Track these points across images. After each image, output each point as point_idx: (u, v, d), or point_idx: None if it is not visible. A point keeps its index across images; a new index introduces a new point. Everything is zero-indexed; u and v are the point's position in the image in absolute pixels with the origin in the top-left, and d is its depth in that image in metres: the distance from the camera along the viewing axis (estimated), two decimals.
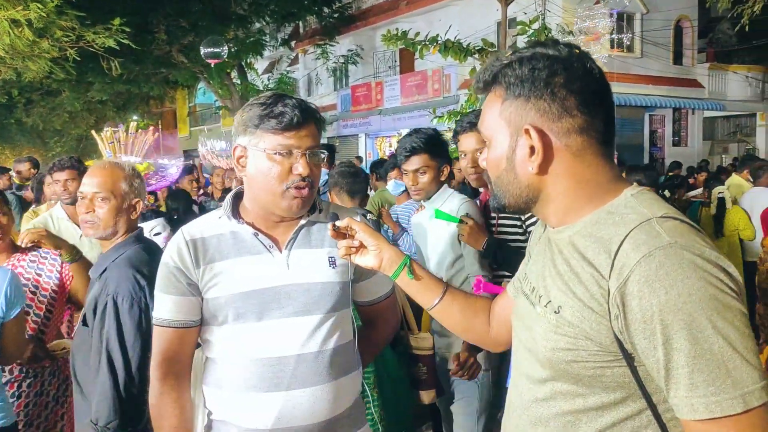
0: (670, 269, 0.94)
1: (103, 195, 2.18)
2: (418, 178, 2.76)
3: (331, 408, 1.65)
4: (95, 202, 2.18)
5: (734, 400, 0.92)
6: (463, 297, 1.51)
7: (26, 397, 2.43)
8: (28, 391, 2.45)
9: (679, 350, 0.94)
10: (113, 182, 2.21)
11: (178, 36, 13.72)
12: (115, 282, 2.09)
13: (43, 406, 2.48)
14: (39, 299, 2.48)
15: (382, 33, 12.38)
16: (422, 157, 2.74)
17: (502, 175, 1.17)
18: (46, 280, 2.58)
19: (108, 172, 2.22)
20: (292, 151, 1.59)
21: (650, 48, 17.38)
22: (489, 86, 1.17)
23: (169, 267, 1.66)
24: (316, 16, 18.14)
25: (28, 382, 2.45)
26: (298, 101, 1.63)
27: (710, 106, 19.01)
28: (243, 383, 1.61)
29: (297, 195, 1.60)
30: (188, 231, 1.69)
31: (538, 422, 1.16)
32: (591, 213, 1.11)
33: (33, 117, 18.68)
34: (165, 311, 1.66)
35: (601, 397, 1.07)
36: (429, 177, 2.76)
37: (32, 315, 2.48)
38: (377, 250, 1.49)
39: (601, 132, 1.11)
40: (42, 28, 7.98)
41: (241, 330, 1.63)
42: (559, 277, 1.11)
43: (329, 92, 23.64)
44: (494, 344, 1.50)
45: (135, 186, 2.26)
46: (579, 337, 1.05)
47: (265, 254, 1.66)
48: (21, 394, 2.42)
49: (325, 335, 1.65)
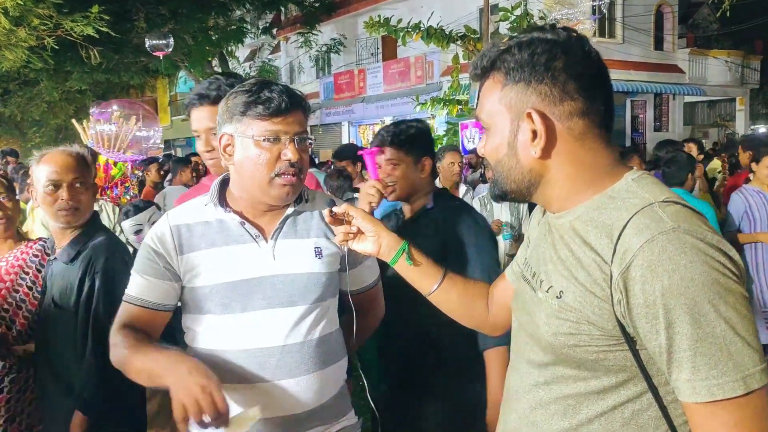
0: (672, 254, 0.95)
1: (82, 180, 2.20)
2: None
3: (316, 397, 1.65)
4: (78, 189, 2.19)
5: (735, 383, 0.93)
6: (461, 282, 1.51)
7: (8, 393, 2.40)
8: (11, 386, 2.40)
9: (681, 334, 0.94)
10: (86, 168, 2.24)
11: (158, 24, 13.50)
12: (102, 261, 2.13)
13: (26, 403, 2.44)
14: (34, 295, 2.43)
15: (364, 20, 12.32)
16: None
17: (503, 160, 1.16)
18: None
19: (80, 159, 2.25)
20: (280, 137, 1.58)
21: (631, 33, 17.48)
22: (487, 72, 1.17)
23: (149, 249, 1.65)
24: (297, 3, 17.98)
25: (11, 377, 2.40)
26: (284, 87, 1.61)
27: (691, 91, 19.19)
28: (226, 374, 1.59)
29: (286, 183, 1.59)
30: (174, 216, 1.68)
31: (538, 406, 1.17)
32: (592, 198, 1.11)
33: (10, 107, 18.37)
34: (135, 289, 1.65)
35: (602, 381, 1.08)
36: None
37: (24, 311, 2.42)
38: (375, 236, 1.49)
39: (601, 115, 1.11)
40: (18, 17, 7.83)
41: (225, 320, 1.62)
42: (560, 263, 1.11)
43: (311, 80, 23.53)
44: (493, 328, 1.51)
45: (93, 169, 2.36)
46: (581, 322, 1.06)
47: (251, 243, 1.65)
48: (3, 389, 2.38)
49: (310, 326, 1.65)
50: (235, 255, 1.63)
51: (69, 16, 8.67)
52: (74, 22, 8.60)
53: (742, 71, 20.44)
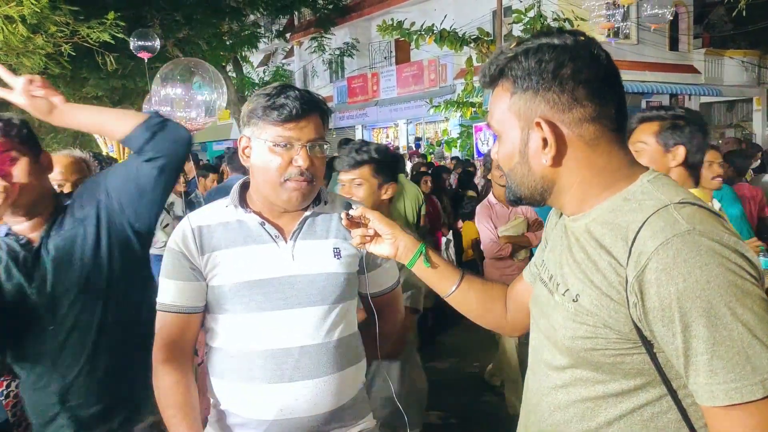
0: (688, 256, 0.94)
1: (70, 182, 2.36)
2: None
3: (334, 399, 1.65)
4: None
5: (754, 386, 0.92)
6: (480, 284, 1.51)
7: (14, 397, 2.41)
8: (17, 391, 2.42)
9: (698, 337, 0.94)
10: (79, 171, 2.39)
11: (172, 30, 13.63)
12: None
13: None
14: None
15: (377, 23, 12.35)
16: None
17: (515, 168, 1.16)
18: None
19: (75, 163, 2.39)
20: (292, 143, 1.59)
21: (646, 34, 17.36)
22: (496, 80, 1.16)
23: (173, 252, 1.66)
24: (311, 7, 18.04)
25: (17, 382, 2.42)
26: (302, 93, 1.62)
27: (707, 92, 19.03)
28: (245, 374, 1.61)
29: (296, 188, 1.61)
30: (194, 218, 1.70)
31: (557, 408, 1.16)
32: (607, 200, 1.10)
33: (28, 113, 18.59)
34: (168, 296, 1.66)
35: (621, 384, 1.07)
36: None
37: None
38: (392, 239, 1.49)
39: (613, 118, 1.10)
40: (36, 24, 7.91)
41: (244, 320, 1.63)
42: (576, 266, 1.11)
43: (325, 84, 23.60)
44: (512, 329, 1.51)
45: None
46: (598, 326, 1.05)
47: (271, 244, 1.66)
48: (9, 394, 2.40)
49: (329, 327, 1.65)
50: (254, 255, 1.64)
51: (85, 22, 8.74)
52: (90, 29, 8.67)
53: (759, 71, 20.23)
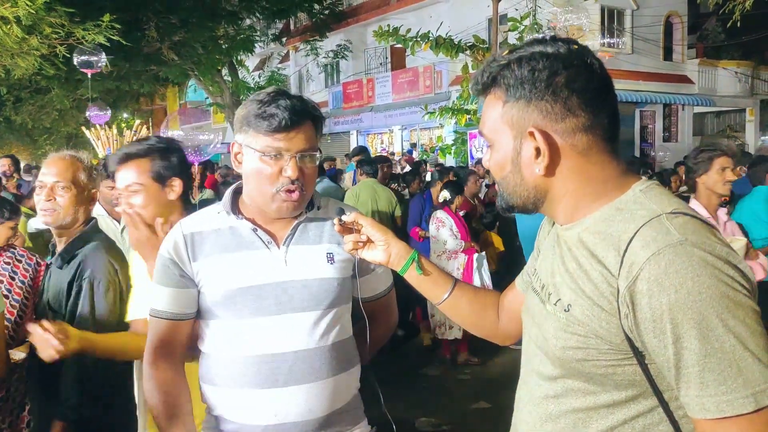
0: (679, 267, 0.93)
1: (64, 184, 2.25)
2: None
3: (328, 404, 1.64)
4: (56, 191, 2.25)
5: (745, 399, 0.91)
6: (472, 291, 1.50)
7: None
8: None
9: (689, 349, 0.93)
10: (73, 172, 2.29)
11: (168, 33, 13.61)
12: (91, 266, 2.18)
13: (8, 412, 2.40)
14: (11, 303, 2.41)
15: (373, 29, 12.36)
16: None
17: (507, 177, 1.15)
18: (20, 284, 2.47)
19: (68, 163, 2.31)
20: (282, 153, 1.58)
21: (640, 44, 17.45)
22: (488, 88, 1.15)
23: (164, 259, 1.67)
24: (307, 12, 18.06)
25: None
26: (293, 102, 1.59)
27: (700, 102, 19.11)
28: (239, 380, 1.61)
29: (287, 199, 1.60)
30: (186, 224, 1.69)
31: (548, 419, 1.16)
32: (599, 209, 1.10)
33: (22, 115, 18.52)
34: (160, 303, 1.67)
35: (613, 395, 1.06)
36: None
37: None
38: (385, 245, 1.48)
39: (606, 128, 1.10)
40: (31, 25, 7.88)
41: (237, 326, 1.62)
42: (568, 275, 1.10)
43: (320, 89, 23.58)
44: (504, 338, 1.50)
45: (93, 177, 2.36)
46: (589, 336, 1.05)
47: (263, 250, 1.65)
48: None
49: (323, 332, 1.64)
50: (247, 261, 1.63)
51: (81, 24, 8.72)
52: (86, 31, 8.65)
53: (752, 82, 20.32)
